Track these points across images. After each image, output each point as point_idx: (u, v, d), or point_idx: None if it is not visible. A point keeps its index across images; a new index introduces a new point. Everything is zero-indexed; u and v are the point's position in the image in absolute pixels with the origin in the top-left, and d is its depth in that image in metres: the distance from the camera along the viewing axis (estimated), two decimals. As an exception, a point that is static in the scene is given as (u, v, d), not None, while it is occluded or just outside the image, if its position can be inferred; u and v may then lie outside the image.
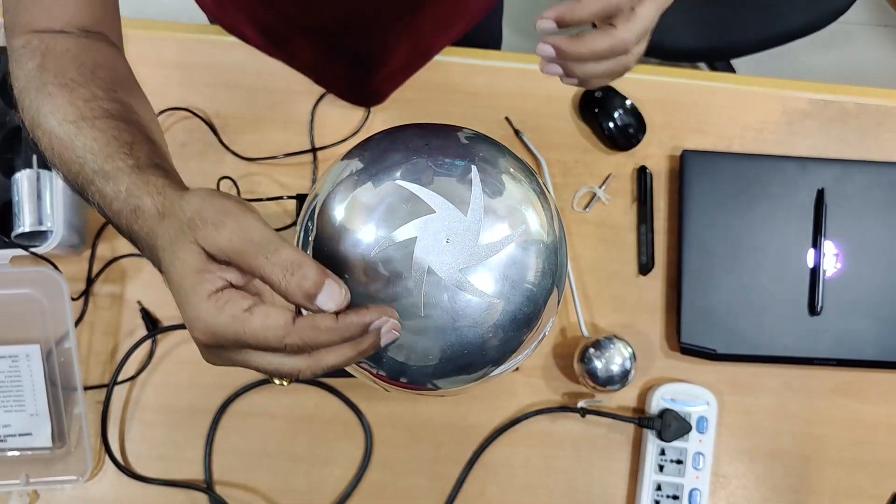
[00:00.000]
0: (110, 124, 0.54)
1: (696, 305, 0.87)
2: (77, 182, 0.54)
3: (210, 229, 0.42)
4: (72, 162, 0.53)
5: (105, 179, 0.51)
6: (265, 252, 0.41)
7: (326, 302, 0.41)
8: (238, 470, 0.85)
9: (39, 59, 0.57)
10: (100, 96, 0.56)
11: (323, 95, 0.91)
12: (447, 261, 0.47)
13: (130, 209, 0.49)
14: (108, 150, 0.52)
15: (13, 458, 0.84)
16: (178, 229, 0.44)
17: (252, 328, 0.41)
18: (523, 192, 0.51)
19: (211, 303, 0.42)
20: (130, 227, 0.49)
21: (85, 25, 0.61)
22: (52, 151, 0.55)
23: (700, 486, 0.84)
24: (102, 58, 0.60)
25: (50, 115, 0.55)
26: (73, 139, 0.53)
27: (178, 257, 0.43)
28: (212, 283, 0.42)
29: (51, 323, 0.83)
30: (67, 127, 0.54)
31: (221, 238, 0.42)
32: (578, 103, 0.92)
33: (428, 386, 0.52)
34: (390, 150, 0.50)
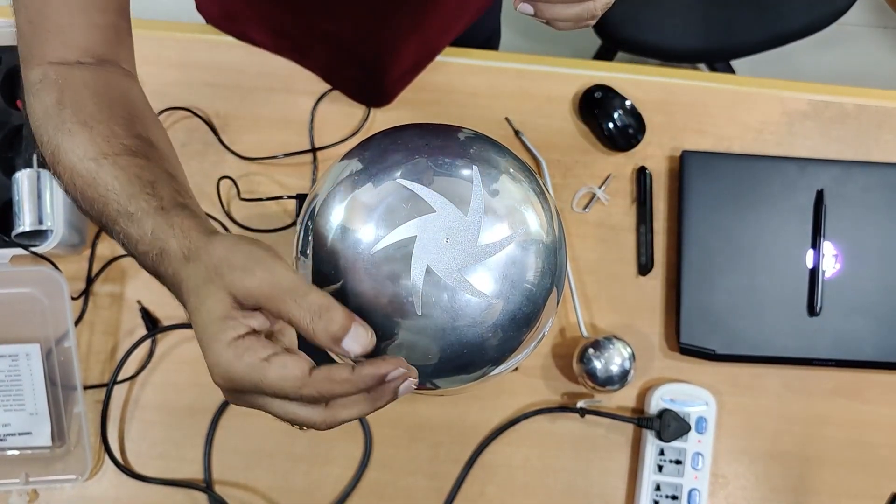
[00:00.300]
0: (132, 162, 0.54)
1: (696, 306, 0.87)
2: (101, 220, 0.54)
3: (238, 274, 0.43)
4: (94, 200, 0.54)
5: (129, 221, 0.51)
6: (294, 296, 0.42)
7: (352, 345, 0.43)
8: (237, 469, 0.85)
9: (57, 95, 0.58)
10: (119, 133, 0.56)
11: (323, 95, 0.91)
12: (446, 260, 0.47)
13: (156, 252, 0.49)
14: (131, 190, 0.52)
15: (13, 457, 0.84)
16: (205, 274, 0.45)
17: (269, 377, 0.42)
18: (523, 193, 0.51)
19: (231, 349, 0.43)
20: (157, 269, 0.50)
21: (100, 54, 0.61)
22: (75, 188, 0.55)
23: (699, 486, 0.84)
24: (119, 92, 0.61)
25: (70, 152, 0.55)
26: (95, 177, 0.54)
27: (203, 303, 0.44)
28: (234, 330, 0.43)
29: (51, 322, 0.83)
30: (88, 164, 0.54)
31: (251, 283, 0.43)
32: (578, 104, 0.92)
33: (427, 385, 0.52)
34: (390, 150, 0.51)
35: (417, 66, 0.91)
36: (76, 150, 0.55)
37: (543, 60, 0.95)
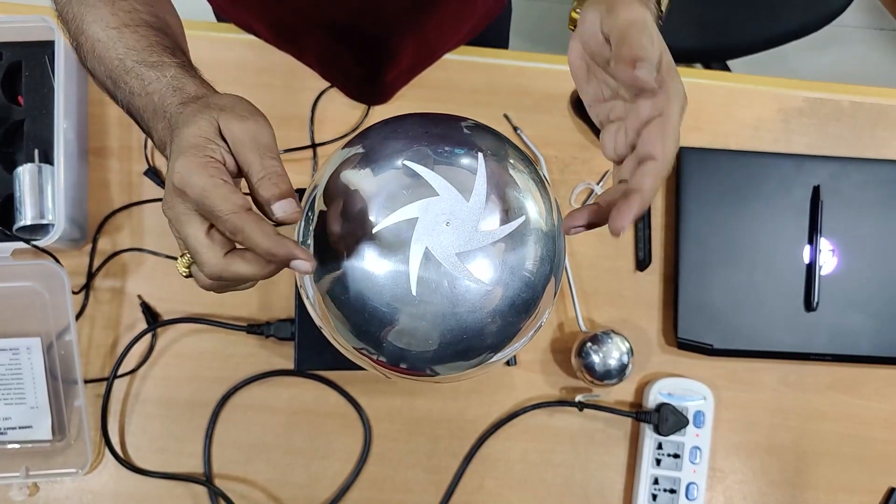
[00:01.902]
0: (151, 32, 0.59)
1: (693, 301, 0.87)
2: (112, 76, 0.59)
3: (233, 117, 0.49)
4: (111, 59, 0.58)
5: (149, 67, 0.56)
6: (263, 153, 0.48)
7: (280, 208, 0.47)
8: (237, 463, 0.85)
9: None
10: (139, 9, 0.61)
11: (323, 92, 0.92)
12: (445, 243, 0.48)
13: (171, 88, 0.54)
14: (152, 49, 0.58)
15: (13, 450, 0.84)
16: (207, 107, 0.50)
17: (216, 191, 0.46)
18: (523, 181, 0.52)
19: (201, 159, 0.47)
20: (162, 102, 0.54)
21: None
22: (93, 54, 0.60)
23: (697, 479, 0.85)
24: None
25: (93, 23, 0.60)
26: (116, 41, 0.59)
27: (196, 122, 0.49)
28: (214, 153, 0.48)
29: (52, 316, 0.83)
30: (110, 32, 0.59)
31: (238, 128, 0.48)
32: (576, 101, 0.93)
33: (427, 372, 0.52)
34: (391, 138, 0.51)
35: (417, 67, 0.92)
36: (99, 21, 0.60)
37: (542, 58, 0.95)
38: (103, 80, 0.61)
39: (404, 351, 0.50)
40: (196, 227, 0.48)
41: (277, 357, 0.86)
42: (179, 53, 0.59)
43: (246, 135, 0.48)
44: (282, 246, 0.46)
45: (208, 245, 0.48)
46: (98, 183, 0.89)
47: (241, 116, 0.49)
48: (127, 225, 0.88)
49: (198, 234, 0.48)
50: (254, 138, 0.48)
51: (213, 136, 0.48)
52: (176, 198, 0.48)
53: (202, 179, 0.46)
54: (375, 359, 0.52)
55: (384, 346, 0.50)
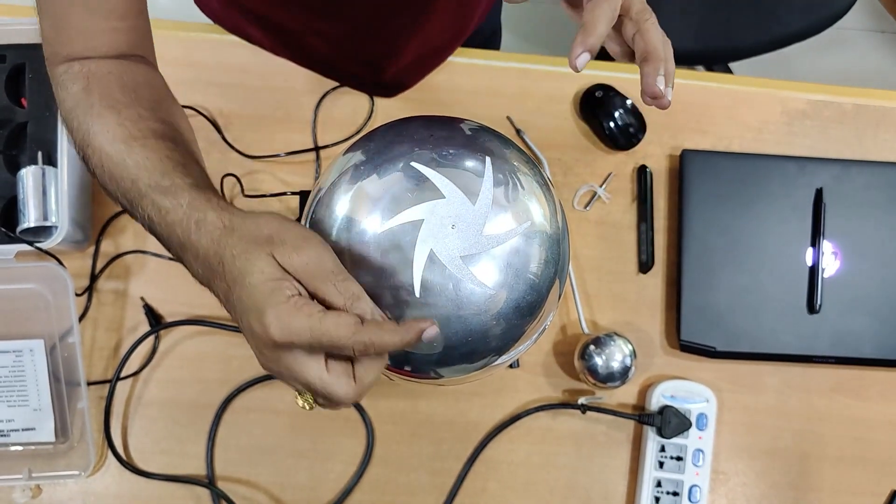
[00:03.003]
0: (161, 144, 0.57)
1: (696, 303, 0.87)
2: (127, 197, 0.56)
3: (289, 249, 0.46)
4: (122, 179, 0.56)
5: (162, 193, 0.53)
6: (334, 279, 0.46)
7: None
8: (240, 465, 0.85)
9: (84, 82, 0.60)
10: (146, 116, 0.58)
11: (326, 94, 0.92)
12: (450, 246, 0.48)
13: (192, 221, 0.51)
14: (163, 168, 0.55)
15: (16, 452, 0.84)
16: (254, 243, 0.47)
17: (326, 324, 0.45)
18: (528, 184, 0.52)
19: (290, 303, 0.45)
20: (188, 238, 0.52)
21: (122, 52, 0.63)
22: (103, 169, 0.57)
23: (700, 482, 0.85)
24: (142, 77, 0.63)
25: (100, 135, 0.57)
26: (125, 157, 0.56)
27: (254, 265, 0.47)
28: (290, 290, 0.46)
29: (55, 318, 0.83)
30: (118, 146, 0.57)
31: (299, 260, 0.46)
32: (579, 103, 0.93)
33: (431, 374, 0.52)
34: (396, 141, 0.51)
35: (422, 62, 0.92)
36: (105, 133, 0.57)
37: (545, 60, 0.95)
38: (117, 197, 0.58)
39: (409, 353, 0.50)
40: (316, 369, 0.47)
41: (280, 359, 0.86)
42: (192, 167, 0.56)
43: (310, 266, 0.46)
44: (410, 331, 0.45)
45: (335, 379, 0.47)
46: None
47: (296, 247, 0.47)
48: (130, 227, 0.88)
49: (321, 375, 0.47)
50: (319, 267, 0.46)
51: (279, 274, 0.46)
52: (280, 351, 0.46)
53: (303, 321, 0.45)
54: (380, 361, 0.52)
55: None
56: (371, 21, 0.84)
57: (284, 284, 0.46)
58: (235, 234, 0.49)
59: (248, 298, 0.46)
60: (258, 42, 0.92)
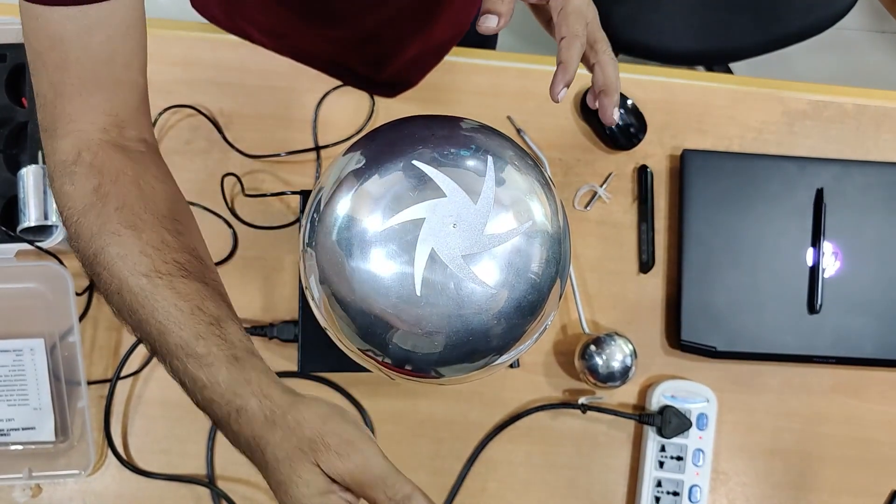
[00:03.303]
0: (190, 287, 0.53)
1: (697, 303, 0.87)
2: (151, 344, 0.53)
3: (334, 457, 0.46)
4: (147, 322, 0.52)
5: (198, 363, 0.51)
6: (384, 486, 0.46)
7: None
8: (240, 465, 0.84)
9: (96, 181, 0.56)
10: (170, 243, 0.55)
11: (327, 94, 0.92)
12: (452, 245, 0.48)
13: (233, 408, 0.50)
14: (196, 328, 0.51)
15: (16, 451, 0.84)
16: (297, 447, 0.47)
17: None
18: (529, 183, 0.52)
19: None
20: (227, 421, 0.51)
21: (123, 118, 0.60)
22: (122, 299, 0.53)
23: (700, 482, 0.85)
24: (153, 177, 0.59)
25: (119, 260, 0.53)
26: (150, 298, 0.52)
27: (299, 476, 0.46)
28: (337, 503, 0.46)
29: (55, 317, 0.83)
30: (141, 280, 0.52)
31: (346, 468, 0.46)
32: (580, 103, 0.93)
33: (432, 374, 0.52)
34: (397, 140, 0.51)
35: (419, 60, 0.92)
36: (126, 261, 0.53)
37: (545, 60, 0.95)
38: (136, 335, 0.54)
39: (409, 353, 0.50)
40: None
41: (281, 359, 0.86)
42: (227, 325, 0.53)
43: (356, 476, 0.46)
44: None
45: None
46: (101, 184, 0.89)
47: (340, 454, 0.46)
48: (130, 226, 0.88)
49: None
50: (366, 474, 0.46)
51: (324, 486, 0.46)
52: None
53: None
54: (381, 360, 0.52)
55: (389, 347, 0.50)
56: (376, 28, 0.84)
57: (332, 499, 0.46)
58: (277, 430, 0.48)
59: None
60: (259, 43, 0.92)
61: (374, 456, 0.47)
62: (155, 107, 0.89)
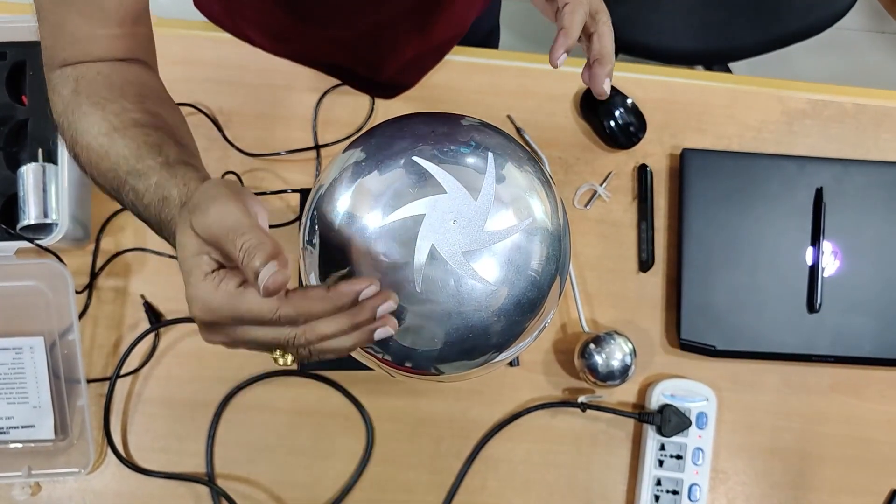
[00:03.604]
0: (140, 132, 0.57)
1: (696, 302, 0.87)
2: (113, 186, 0.57)
3: (199, 214, 0.45)
4: (107, 171, 0.57)
5: (137, 177, 0.55)
6: (234, 234, 0.43)
7: (263, 279, 0.41)
8: (240, 463, 0.85)
9: (73, 85, 0.61)
10: (129, 108, 0.59)
11: (326, 93, 0.92)
12: (452, 241, 0.48)
13: (159, 199, 0.53)
14: (139, 153, 0.56)
15: (16, 450, 0.84)
16: (184, 216, 0.47)
17: (247, 300, 0.43)
18: (529, 181, 0.52)
19: (208, 281, 0.44)
20: (159, 217, 0.53)
21: (119, 57, 0.63)
22: (91, 165, 0.59)
23: (699, 481, 0.85)
24: (132, 75, 0.63)
25: (86, 132, 0.59)
26: (108, 150, 0.57)
27: (180, 242, 0.46)
28: (208, 265, 0.45)
29: (55, 315, 0.83)
30: (102, 140, 0.58)
31: (204, 222, 0.44)
32: (580, 102, 0.93)
33: (432, 371, 0.52)
34: (397, 137, 0.51)
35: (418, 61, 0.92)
36: (91, 129, 0.58)
37: (545, 59, 0.94)
38: (105, 189, 0.59)
39: (409, 349, 0.50)
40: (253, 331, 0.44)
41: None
42: (169, 147, 0.56)
43: (212, 228, 0.44)
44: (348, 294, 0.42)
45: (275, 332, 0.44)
46: (101, 182, 0.89)
47: (202, 211, 0.45)
48: (130, 225, 0.88)
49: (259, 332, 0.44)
50: (220, 226, 0.44)
51: (197, 247, 0.45)
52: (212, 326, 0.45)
53: (222, 300, 0.43)
54: (381, 357, 0.52)
55: (390, 344, 0.50)
56: (375, 28, 0.84)
57: (203, 260, 0.44)
58: (183, 208, 0.48)
59: (182, 272, 0.46)
60: (258, 44, 0.92)
61: (232, 207, 0.44)
62: (155, 105, 0.89)
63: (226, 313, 0.44)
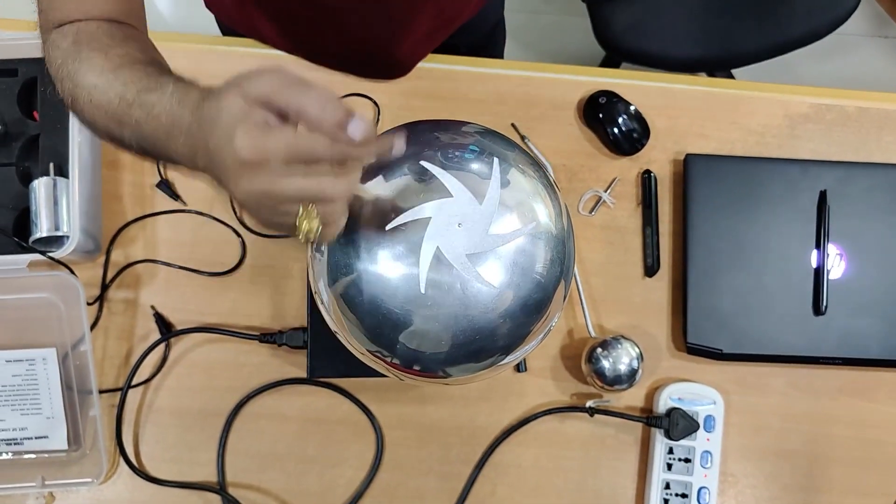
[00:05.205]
0: (146, 65, 0.60)
1: (702, 306, 0.88)
2: (116, 118, 0.58)
3: (252, 79, 0.48)
4: (110, 102, 0.58)
5: (149, 92, 0.56)
6: (304, 86, 0.47)
7: (355, 131, 0.46)
8: (251, 471, 0.86)
9: (73, 38, 0.63)
10: (133, 52, 0.61)
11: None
12: (456, 244, 0.48)
13: (176, 101, 0.54)
14: (149, 77, 0.58)
15: (29, 460, 0.85)
16: (219, 93, 0.50)
17: (302, 136, 0.46)
18: (533, 185, 0.53)
19: (261, 125, 0.47)
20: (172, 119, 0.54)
21: (113, 18, 0.65)
22: (90, 103, 0.60)
23: (708, 484, 0.85)
24: (132, 33, 0.66)
25: (87, 73, 0.60)
26: (113, 82, 0.58)
27: (223, 107, 0.48)
28: (258, 116, 0.47)
29: (67, 327, 0.84)
30: (107, 76, 0.59)
31: (262, 82, 0.48)
32: (583, 109, 0.94)
33: (439, 373, 0.53)
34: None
35: (436, 33, 0.92)
36: (94, 69, 0.60)
37: (548, 68, 0.96)
38: (106, 126, 0.60)
39: (417, 352, 0.51)
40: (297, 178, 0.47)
41: (290, 366, 0.87)
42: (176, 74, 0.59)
43: (274, 84, 0.47)
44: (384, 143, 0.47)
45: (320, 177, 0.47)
46: (111, 195, 0.90)
47: (257, 75, 0.48)
48: (140, 236, 0.90)
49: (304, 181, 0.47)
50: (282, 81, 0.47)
51: (247, 107, 0.47)
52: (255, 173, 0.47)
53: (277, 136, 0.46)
54: (389, 361, 0.53)
55: (397, 347, 0.51)
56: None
57: (254, 111, 0.47)
58: (212, 95, 0.51)
59: (222, 137, 0.48)
60: (270, 39, 0.92)
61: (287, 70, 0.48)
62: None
63: (281, 150, 0.46)
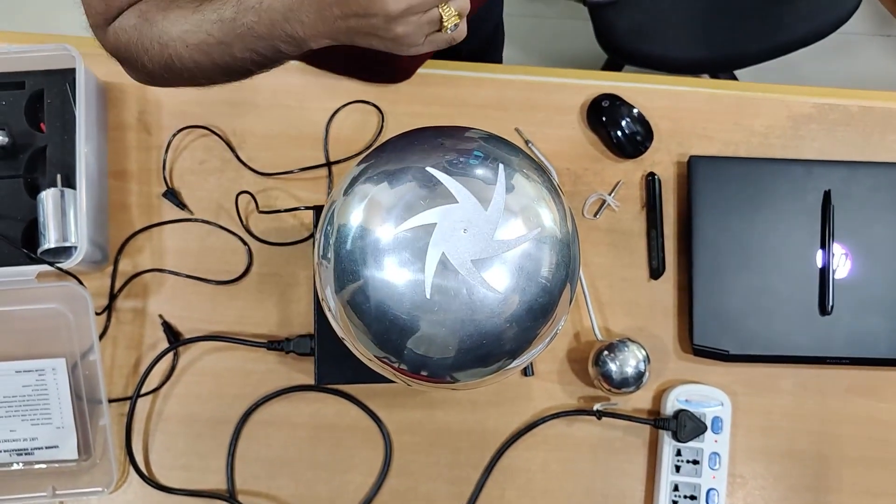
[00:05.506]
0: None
1: (708, 307, 0.88)
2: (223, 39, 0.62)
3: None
4: (211, 32, 0.62)
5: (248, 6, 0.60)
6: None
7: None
8: (260, 478, 0.86)
9: (136, 14, 0.66)
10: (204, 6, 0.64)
11: (337, 111, 0.93)
12: (462, 250, 0.49)
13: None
14: None
15: (40, 470, 0.85)
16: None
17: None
18: (537, 190, 0.53)
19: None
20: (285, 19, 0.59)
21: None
22: (188, 47, 0.63)
23: (717, 486, 0.85)
24: None
25: (173, 26, 0.63)
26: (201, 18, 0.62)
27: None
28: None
29: (76, 337, 0.85)
30: (191, 17, 0.62)
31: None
32: (586, 113, 0.94)
33: (447, 378, 0.53)
34: (408, 150, 0.53)
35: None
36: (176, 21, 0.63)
37: (551, 72, 0.97)
38: (210, 57, 0.63)
39: (424, 358, 0.51)
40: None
41: (297, 373, 0.87)
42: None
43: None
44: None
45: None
46: (118, 205, 0.91)
47: None
48: (147, 246, 0.90)
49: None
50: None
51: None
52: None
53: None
54: (397, 367, 0.53)
55: (405, 353, 0.51)
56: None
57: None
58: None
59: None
60: None
61: None
62: (169, 128, 0.91)
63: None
